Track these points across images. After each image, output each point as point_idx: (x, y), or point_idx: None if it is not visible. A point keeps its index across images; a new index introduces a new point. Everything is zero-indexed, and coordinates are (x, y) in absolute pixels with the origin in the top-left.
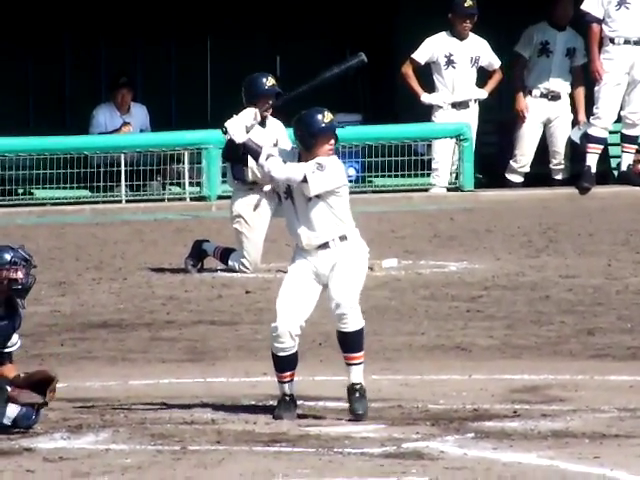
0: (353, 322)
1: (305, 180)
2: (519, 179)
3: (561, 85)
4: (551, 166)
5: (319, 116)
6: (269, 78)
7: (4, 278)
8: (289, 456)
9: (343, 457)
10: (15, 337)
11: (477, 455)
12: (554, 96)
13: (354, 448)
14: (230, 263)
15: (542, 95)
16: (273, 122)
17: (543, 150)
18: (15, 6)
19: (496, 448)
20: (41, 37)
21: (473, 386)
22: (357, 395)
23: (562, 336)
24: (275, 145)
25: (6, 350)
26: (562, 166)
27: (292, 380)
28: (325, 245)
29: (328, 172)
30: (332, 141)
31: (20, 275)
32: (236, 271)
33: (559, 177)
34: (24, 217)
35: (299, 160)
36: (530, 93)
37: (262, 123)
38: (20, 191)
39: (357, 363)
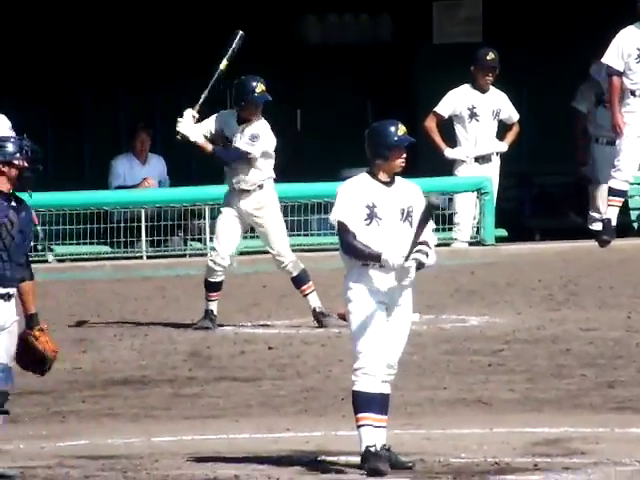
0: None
1: None
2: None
3: None
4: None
5: (392, 128)
6: (259, 84)
7: (15, 167)
8: None
9: None
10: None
11: None
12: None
13: None
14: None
15: (608, 143)
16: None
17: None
18: (33, 60)
19: None
20: (59, 90)
21: (494, 439)
22: (392, 451)
23: (583, 389)
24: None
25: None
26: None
27: (372, 426)
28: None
29: None
30: (404, 155)
31: (27, 164)
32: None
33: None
34: (44, 273)
35: (371, 169)
36: (597, 141)
37: (242, 122)
38: (39, 247)
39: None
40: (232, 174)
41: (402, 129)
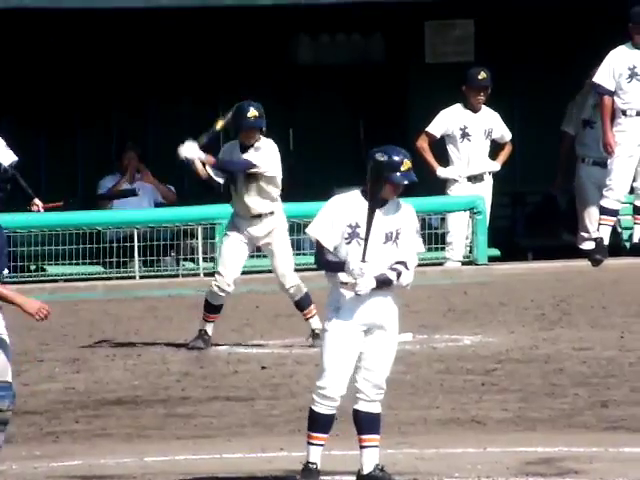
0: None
1: None
2: (591, 245)
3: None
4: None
5: (397, 159)
6: (252, 109)
7: None
8: None
9: None
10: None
11: None
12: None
13: None
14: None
15: (594, 163)
16: (263, 145)
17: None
18: (27, 81)
19: None
20: (53, 112)
21: (488, 459)
22: (385, 470)
23: (576, 408)
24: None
25: None
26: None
27: (322, 446)
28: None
29: None
30: (400, 189)
31: None
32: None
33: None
34: (36, 294)
35: (365, 188)
36: (583, 161)
37: (244, 149)
38: (32, 267)
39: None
40: (239, 202)
41: (407, 164)
